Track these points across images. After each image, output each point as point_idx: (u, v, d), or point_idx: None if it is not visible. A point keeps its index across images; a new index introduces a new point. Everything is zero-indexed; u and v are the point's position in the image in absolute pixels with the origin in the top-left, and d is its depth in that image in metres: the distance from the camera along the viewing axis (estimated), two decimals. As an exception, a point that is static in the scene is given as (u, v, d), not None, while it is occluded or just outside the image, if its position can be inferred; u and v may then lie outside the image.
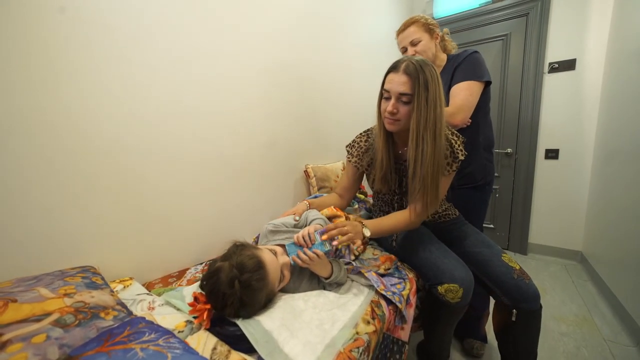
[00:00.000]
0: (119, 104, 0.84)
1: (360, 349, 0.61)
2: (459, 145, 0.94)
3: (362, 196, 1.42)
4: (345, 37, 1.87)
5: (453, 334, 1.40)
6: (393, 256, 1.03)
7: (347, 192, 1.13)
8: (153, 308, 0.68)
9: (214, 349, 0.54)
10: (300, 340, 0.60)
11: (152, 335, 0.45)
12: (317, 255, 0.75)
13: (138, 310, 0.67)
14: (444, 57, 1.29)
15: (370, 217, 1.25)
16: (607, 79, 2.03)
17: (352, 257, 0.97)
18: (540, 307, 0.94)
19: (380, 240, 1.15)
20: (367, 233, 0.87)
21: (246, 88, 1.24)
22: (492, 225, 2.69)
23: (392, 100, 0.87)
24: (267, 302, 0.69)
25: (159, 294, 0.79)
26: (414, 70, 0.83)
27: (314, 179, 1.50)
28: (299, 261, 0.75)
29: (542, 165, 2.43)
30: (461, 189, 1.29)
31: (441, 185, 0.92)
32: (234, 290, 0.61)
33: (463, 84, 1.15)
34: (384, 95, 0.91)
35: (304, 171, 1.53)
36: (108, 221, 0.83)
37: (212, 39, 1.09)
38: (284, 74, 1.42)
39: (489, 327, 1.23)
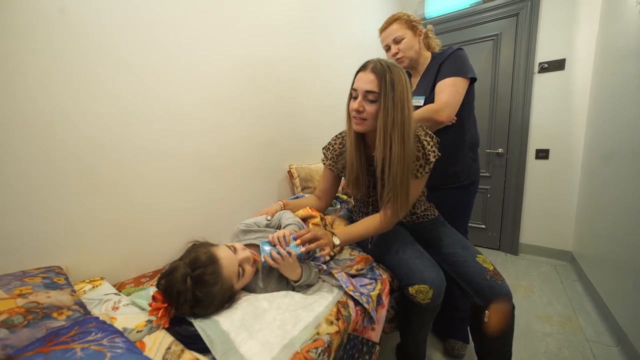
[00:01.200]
0: (95, 103, 0.84)
1: (319, 350, 0.62)
2: (431, 147, 0.94)
3: (344, 197, 1.42)
4: (333, 37, 1.87)
5: (438, 334, 1.43)
6: (369, 257, 1.03)
7: (325, 194, 1.13)
8: (117, 308, 0.68)
9: (168, 348, 0.55)
10: (259, 340, 0.60)
11: (98, 335, 0.45)
12: (290, 254, 0.75)
13: (102, 310, 0.67)
14: (427, 55, 1.29)
15: (351, 217, 1.25)
16: (595, 79, 2.03)
17: (327, 258, 0.97)
18: (513, 307, 0.94)
19: (360, 243, 1.15)
20: (337, 242, 0.88)
21: (228, 86, 1.24)
22: (483, 226, 2.69)
23: (359, 98, 0.88)
24: (226, 299, 0.69)
25: (129, 294, 0.80)
26: (381, 69, 0.84)
27: (298, 179, 1.51)
28: (269, 260, 0.75)
29: (532, 165, 2.43)
30: (445, 188, 1.29)
31: (412, 188, 0.92)
32: (186, 287, 0.62)
33: (448, 80, 1.14)
34: (352, 94, 0.91)
35: (288, 171, 1.54)
36: (81, 221, 0.83)
37: (194, 37, 1.10)
38: (268, 73, 1.42)
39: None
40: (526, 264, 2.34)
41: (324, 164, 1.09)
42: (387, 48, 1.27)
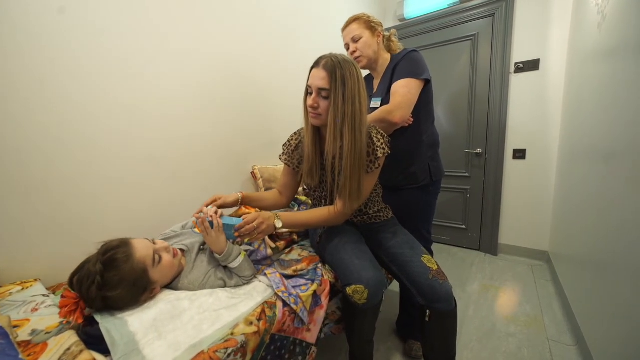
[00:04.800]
0: (29, 97, 0.84)
1: (230, 350, 0.61)
2: (381, 144, 0.96)
3: (303, 198, 1.42)
4: (304, 38, 1.88)
5: (399, 336, 1.42)
6: (317, 257, 1.04)
7: (286, 189, 1.14)
8: (37, 309, 0.68)
9: (68, 349, 0.55)
10: (167, 341, 0.60)
11: (-22, 337, 0.45)
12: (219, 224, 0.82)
13: (20, 313, 0.67)
14: (387, 57, 1.29)
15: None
16: (567, 79, 2.03)
17: (270, 252, 0.99)
18: (455, 307, 0.94)
19: (311, 241, 1.15)
20: (279, 224, 0.89)
21: (186, 86, 1.25)
22: (464, 226, 2.69)
23: (314, 95, 0.90)
24: (140, 289, 0.70)
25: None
26: (332, 66, 0.86)
27: (261, 180, 1.51)
28: (198, 227, 0.83)
29: (510, 165, 2.43)
30: (406, 189, 1.29)
31: (364, 182, 0.94)
32: (96, 269, 0.64)
33: (401, 82, 1.15)
34: (308, 90, 0.94)
35: (251, 172, 1.54)
36: (13, 221, 0.83)
37: (151, 35, 1.11)
38: (233, 73, 1.43)
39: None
40: (504, 264, 2.34)
41: (280, 159, 1.11)
42: (347, 47, 1.29)
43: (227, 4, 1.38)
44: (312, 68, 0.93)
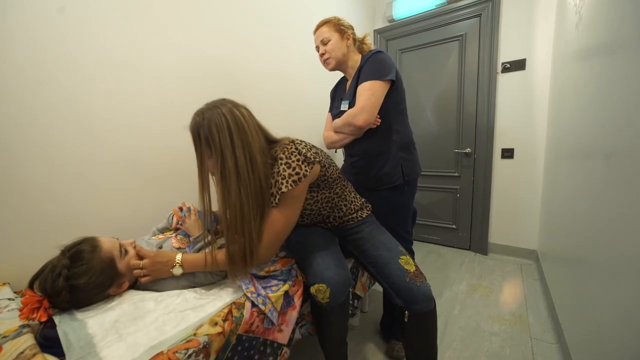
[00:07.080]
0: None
1: (191, 350, 0.61)
2: (293, 170, 0.81)
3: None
4: (291, 39, 1.87)
5: (383, 336, 1.42)
6: (292, 259, 1.03)
7: None
8: (-1, 313, 0.67)
9: (21, 353, 0.54)
10: (127, 343, 0.60)
11: None
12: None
13: (-18, 316, 0.66)
14: (357, 58, 1.30)
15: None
16: (553, 78, 2.04)
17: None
18: (434, 308, 0.93)
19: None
20: (177, 272, 0.80)
21: (170, 85, 1.24)
22: (454, 226, 2.70)
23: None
24: (108, 279, 0.70)
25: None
26: (194, 127, 0.80)
27: (244, 181, 1.50)
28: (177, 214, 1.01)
29: (499, 165, 2.44)
30: (381, 190, 1.28)
31: (273, 220, 0.84)
32: (62, 264, 0.65)
33: (365, 84, 1.15)
34: None
35: (234, 174, 1.53)
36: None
37: (129, 32, 1.10)
38: (216, 74, 1.42)
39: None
40: (493, 263, 2.34)
41: None
42: (317, 49, 1.31)
43: (225, 5, 1.38)
44: None
